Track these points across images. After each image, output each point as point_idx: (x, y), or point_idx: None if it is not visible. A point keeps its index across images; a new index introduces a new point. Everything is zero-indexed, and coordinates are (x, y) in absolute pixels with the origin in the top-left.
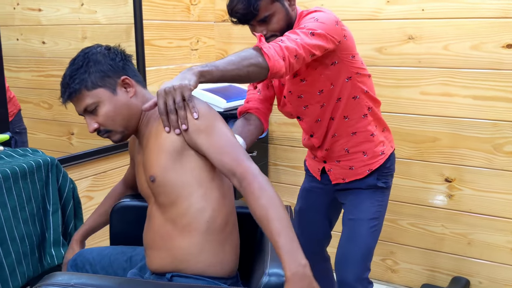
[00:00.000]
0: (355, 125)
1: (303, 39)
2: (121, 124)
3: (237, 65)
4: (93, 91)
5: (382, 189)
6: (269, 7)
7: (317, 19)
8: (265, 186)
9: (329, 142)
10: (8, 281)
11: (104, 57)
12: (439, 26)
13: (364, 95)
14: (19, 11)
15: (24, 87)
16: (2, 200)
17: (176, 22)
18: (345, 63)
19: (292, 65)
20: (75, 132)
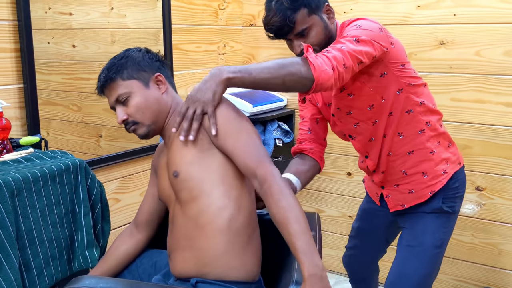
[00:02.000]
0: (410, 142)
1: (349, 46)
2: (149, 118)
3: (272, 73)
4: (127, 81)
5: (448, 213)
6: (306, 20)
7: (359, 26)
8: (285, 190)
9: (384, 163)
10: (36, 283)
11: (143, 55)
12: (471, 31)
13: (419, 108)
14: (51, 15)
15: (55, 90)
16: (32, 202)
17: (204, 27)
18: (395, 74)
19: (342, 75)
20: (103, 134)
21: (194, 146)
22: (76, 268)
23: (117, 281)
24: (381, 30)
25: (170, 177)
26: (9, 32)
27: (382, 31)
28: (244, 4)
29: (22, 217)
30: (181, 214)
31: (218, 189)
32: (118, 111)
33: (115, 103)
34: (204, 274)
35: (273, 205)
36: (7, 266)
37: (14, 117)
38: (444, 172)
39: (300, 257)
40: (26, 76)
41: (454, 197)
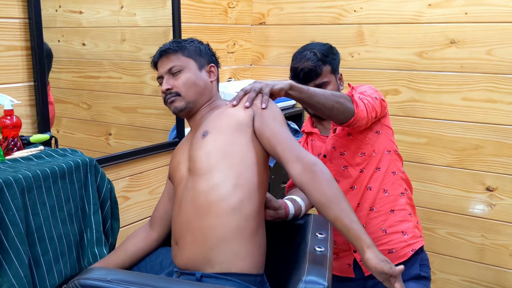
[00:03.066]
0: (394, 201)
1: (371, 101)
2: (192, 95)
3: (326, 96)
4: (185, 58)
5: (425, 279)
6: (327, 75)
7: (370, 88)
8: (329, 177)
9: (363, 218)
10: (45, 279)
11: (206, 46)
12: (482, 30)
13: (401, 174)
14: (61, 13)
15: (65, 88)
16: (42, 199)
17: (214, 25)
18: (387, 137)
19: (371, 119)
20: (112, 132)
21: (230, 124)
22: (85, 265)
23: (126, 273)
24: (380, 96)
25: (197, 139)
26: (20, 30)
27: (382, 97)
28: (253, 3)
29: (32, 214)
30: (192, 187)
31: (236, 167)
32: (165, 80)
33: (166, 73)
34: (210, 260)
35: (325, 185)
36: (17, 263)
37: (24, 115)
38: (420, 236)
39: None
40: (36, 74)
41: (426, 264)
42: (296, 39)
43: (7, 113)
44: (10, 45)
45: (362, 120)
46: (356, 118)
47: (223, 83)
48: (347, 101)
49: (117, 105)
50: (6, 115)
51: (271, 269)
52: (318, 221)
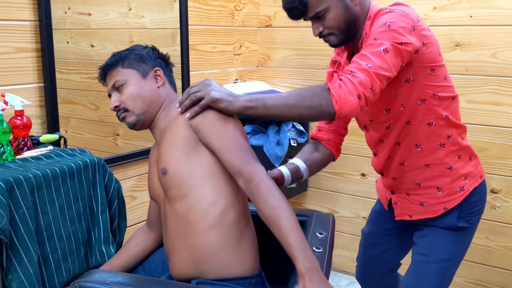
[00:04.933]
0: (428, 156)
1: (376, 64)
2: (140, 107)
3: (290, 107)
4: (125, 70)
5: (463, 228)
6: (320, 2)
7: (389, 26)
8: (273, 188)
9: (395, 170)
10: (54, 276)
11: (147, 50)
12: (487, 33)
13: (442, 121)
14: (70, 15)
15: (73, 89)
16: (51, 198)
17: (220, 28)
18: (421, 81)
19: (369, 99)
20: (120, 133)
21: (182, 143)
22: (93, 263)
23: (126, 276)
24: (413, 28)
25: (159, 174)
26: (31, 32)
27: (415, 29)
28: (260, 5)
29: (41, 213)
30: (171, 213)
31: (207, 185)
32: (112, 98)
33: (111, 90)
34: (203, 272)
35: (262, 204)
36: (27, 260)
37: (34, 115)
38: (461, 189)
39: (294, 252)
40: (46, 75)
41: (470, 211)
42: (301, 42)
43: (18, 113)
44: (21, 47)
45: (352, 111)
46: (340, 115)
47: (229, 85)
48: (322, 100)
49: None
50: (17, 116)
51: (273, 268)
52: (320, 220)
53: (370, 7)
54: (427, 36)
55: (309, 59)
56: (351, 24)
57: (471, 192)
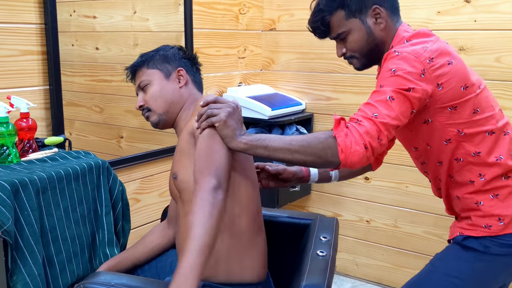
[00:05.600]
0: (459, 188)
1: (382, 113)
2: (162, 107)
3: (293, 152)
4: (150, 70)
5: (475, 250)
6: (343, 24)
7: (394, 72)
8: (203, 206)
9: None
10: (58, 278)
11: (173, 50)
12: (491, 37)
13: (472, 158)
14: (75, 18)
15: (78, 91)
16: (56, 200)
17: (225, 31)
18: (441, 121)
19: (376, 149)
20: (124, 135)
21: (186, 148)
22: (97, 265)
23: (131, 278)
24: (423, 72)
25: (171, 178)
26: (36, 35)
27: (425, 73)
28: (264, 9)
29: (46, 215)
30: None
31: None
32: (138, 97)
33: (138, 89)
34: (209, 277)
35: (188, 214)
36: (32, 262)
37: (39, 117)
38: (486, 227)
39: (174, 274)
40: (52, 78)
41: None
42: (306, 45)
43: (23, 116)
44: (27, 50)
45: (358, 162)
46: (346, 165)
47: (233, 88)
48: (328, 150)
49: (129, 109)
50: (22, 118)
51: (277, 271)
52: (324, 223)
53: (397, 33)
54: (444, 74)
55: (313, 63)
56: (374, 48)
57: (502, 235)
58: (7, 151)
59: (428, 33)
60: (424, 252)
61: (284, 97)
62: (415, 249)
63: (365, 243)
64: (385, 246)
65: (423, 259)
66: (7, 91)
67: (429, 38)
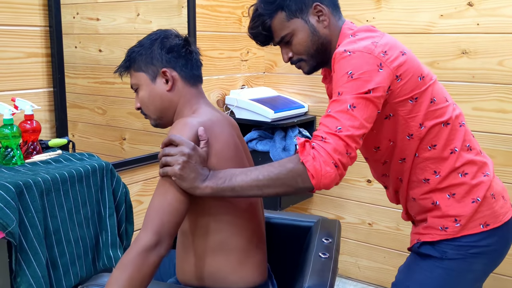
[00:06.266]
0: (414, 189)
1: (345, 125)
2: (153, 113)
3: (261, 188)
4: (137, 73)
5: (433, 258)
6: (285, 26)
7: (351, 75)
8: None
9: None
10: (62, 280)
11: (157, 45)
12: (494, 41)
13: (428, 154)
14: (78, 20)
15: (81, 93)
16: (60, 202)
17: (228, 34)
18: (402, 116)
19: (346, 165)
20: (127, 137)
21: None
22: (100, 267)
23: None
24: (380, 66)
25: None
26: (41, 38)
27: (383, 66)
28: None
29: (50, 217)
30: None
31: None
32: (135, 98)
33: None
34: (204, 285)
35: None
36: (35, 264)
37: (43, 119)
38: (443, 229)
39: None
40: (56, 80)
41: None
42: None
43: (28, 118)
44: (31, 52)
45: (332, 182)
46: (319, 188)
47: (236, 90)
48: (298, 177)
49: (131, 111)
50: (27, 120)
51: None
52: (326, 225)
53: (342, 31)
54: (401, 65)
55: None
56: (321, 48)
57: (459, 237)
58: (11, 153)
59: (373, 29)
60: None
61: (287, 99)
62: None
63: (367, 246)
64: (387, 248)
65: None
66: (12, 93)
67: (375, 34)
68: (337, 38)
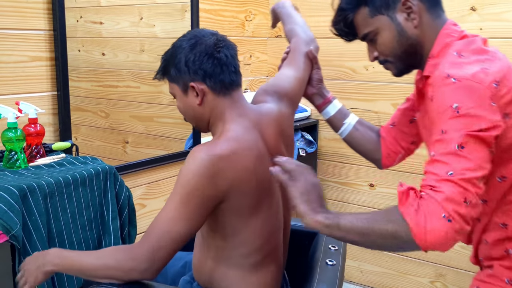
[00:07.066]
0: (490, 231)
1: (458, 168)
2: (191, 121)
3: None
4: (172, 84)
5: None
6: (368, 23)
7: (457, 111)
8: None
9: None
10: (65, 283)
11: (186, 53)
12: (497, 45)
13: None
14: (82, 24)
15: (84, 96)
16: (63, 205)
17: (231, 38)
18: (503, 156)
19: (467, 217)
20: (129, 140)
21: None
22: None
23: None
24: (492, 99)
25: None
26: (45, 41)
27: (495, 99)
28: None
29: (53, 220)
30: None
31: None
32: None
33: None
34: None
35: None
36: None
37: (47, 123)
38: (509, 282)
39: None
40: (59, 84)
41: None
42: None
43: (31, 121)
44: (35, 56)
45: (445, 244)
46: (427, 248)
47: None
48: (398, 227)
49: (134, 114)
50: (31, 123)
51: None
52: None
53: (440, 36)
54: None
55: None
56: (410, 50)
57: None
58: (15, 156)
59: (482, 48)
60: (429, 260)
61: None
62: (420, 256)
63: (369, 250)
64: (390, 253)
65: (427, 266)
66: (16, 96)
67: (485, 56)
68: (432, 41)
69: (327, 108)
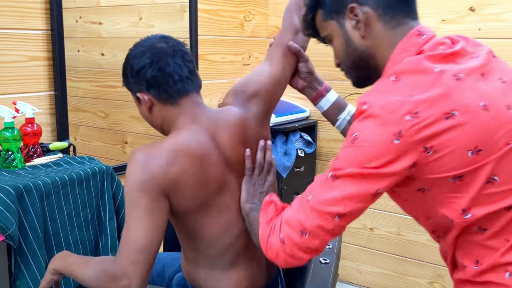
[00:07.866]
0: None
1: (317, 195)
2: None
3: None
4: (132, 93)
5: None
6: (323, 27)
7: (354, 141)
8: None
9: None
10: (61, 283)
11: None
12: (496, 46)
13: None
14: (81, 24)
15: (83, 97)
16: (60, 205)
17: (230, 38)
18: (442, 194)
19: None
20: (128, 141)
21: None
22: None
23: None
24: (398, 136)
25: None
26: (43, 41)
27: (402, 135)
28: (269, 16)
29: (50, 220)
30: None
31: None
32: None
33: None
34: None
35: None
36: (35, 267)
37: (44, 123)
38: None
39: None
40: (57, 83)
41: None
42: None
43: (29, 121)
44: (33, 56)
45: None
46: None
47: None
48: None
49: (133, 114)
50: (28, 123)
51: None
52: None
53: (397, 48)
54: (436, 134)
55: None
56: (359, 62)
57: None
58: (12, 156)
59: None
60: (427, 260)
61: (288, 104)
62: (419, 257)
63: (368, 251)
64: (389, 254)
65: (426, 267)
66: (14, 96)
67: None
68: (387, 55)
69: (320, 103)
